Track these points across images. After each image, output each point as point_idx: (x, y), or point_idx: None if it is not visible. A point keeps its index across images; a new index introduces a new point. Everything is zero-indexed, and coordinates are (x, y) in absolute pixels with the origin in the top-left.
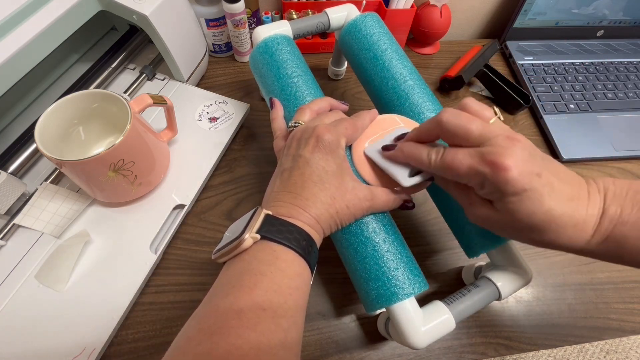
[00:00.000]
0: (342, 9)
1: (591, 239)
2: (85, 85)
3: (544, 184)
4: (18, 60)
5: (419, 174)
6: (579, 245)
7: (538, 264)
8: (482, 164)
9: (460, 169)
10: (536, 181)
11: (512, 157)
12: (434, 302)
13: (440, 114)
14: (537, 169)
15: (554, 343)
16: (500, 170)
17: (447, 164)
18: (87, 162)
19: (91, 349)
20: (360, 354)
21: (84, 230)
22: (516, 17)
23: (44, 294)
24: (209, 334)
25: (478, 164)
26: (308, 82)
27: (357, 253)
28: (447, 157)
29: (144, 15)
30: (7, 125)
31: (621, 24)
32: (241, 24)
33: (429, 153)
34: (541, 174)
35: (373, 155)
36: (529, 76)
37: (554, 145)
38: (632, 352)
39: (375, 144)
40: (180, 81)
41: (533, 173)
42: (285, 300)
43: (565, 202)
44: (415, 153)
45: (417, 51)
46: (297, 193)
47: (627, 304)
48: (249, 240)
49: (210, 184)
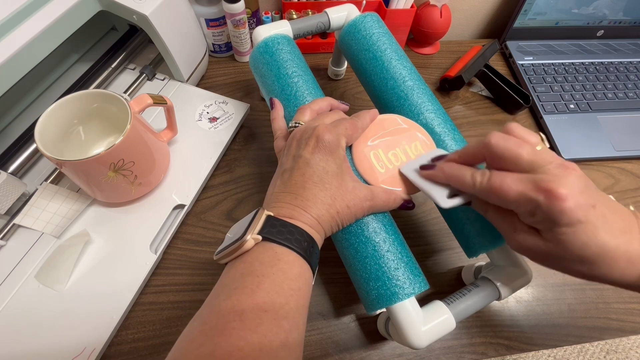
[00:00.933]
0: (342, 9)
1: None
2: (85, 85)
3: (598, 217)
4: (18, 60)
5: (458, 195)
6: (631, 280)
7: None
8: (536, 191)
9: (509, 193)
10: (591, 213)
11: (568, 187)
12: (434, 302)
13: (488, 137)
14: (592, 200)
15: (554, 343)
16: (556, 199)
17: (495, 188)
18: (87, 162)
19: (91, 349)
20: (360, 354)
21: (84, 230)
22: (516, 17)
23: (44, 294)
24: (211, 335)
25: (531, 191)
26: (308, 82)
27: (357, 253)
28: (494, 181)
29: (144, 15)
30: (7, 125)
31: (621, 24)
32: (241, 24)
33: (473, 175)
34: (596, 206)
35: (409, 174)
36: (529, 76)
37: (554, 145)
38: (632, 352)
39: (411, 162)
40: (180, 81)
41: (589, 205)
42: (287, 301)
43: (619, 235)
44: (458, 174)
45: (417, 51)
46: (298, 193)
47: (627, 304)
48: (250, 242)
49: (210, 184)
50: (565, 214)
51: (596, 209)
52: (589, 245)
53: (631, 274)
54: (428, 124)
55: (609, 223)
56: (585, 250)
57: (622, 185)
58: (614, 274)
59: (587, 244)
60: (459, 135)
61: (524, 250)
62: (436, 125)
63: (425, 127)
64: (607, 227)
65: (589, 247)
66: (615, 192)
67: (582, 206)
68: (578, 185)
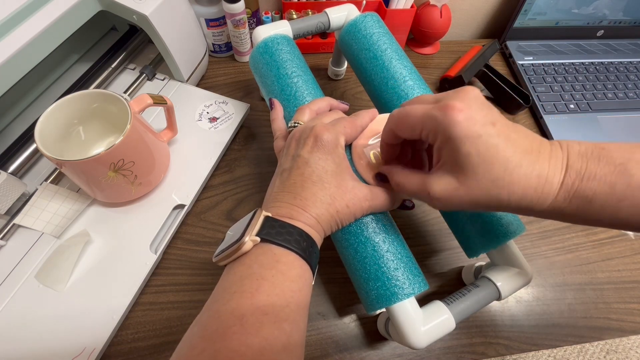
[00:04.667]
0: (342, 9)
1: (558, 194)
2: (85, 85)
3: (500, 133)
4: (18, 60)
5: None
6: (548, 201)
7: (538, 264)
8: (436, 110)
9: (415, 114)
10: (491, 129)
11: (464, 101)
12: (434, 302)
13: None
14: (490, 118)
15: (554, 343)
16: (452, 110)
17: (404, 112)
18: (87, 162)
19: (91, 349)
20: (360, 354)
21: (84, 230)
22: (516, 17)
23: (44, 294)
24: (212, 341)
25: (432, 109)
26: (308, 82)
27: (357, 253)
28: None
29: (144, 15)
30: (7, 125)
31: (621, 24)
32: (241, 24)
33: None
34: (496, 124)
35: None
36: (529, 76)
37: None
38: (632, 352)
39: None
40: (180, 81)
41: (487, 121)
42: (287, 303)
43: (524, 153)
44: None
45: (417, 51)
46: (297, 193)
47: (627, 304)
48: (248, 244)
49: (210, 184)
50: (462, 125)
51: (496, 126)
52: (493, 162)
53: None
54: None
55: (512, 140)
56: (490, 169)
57: None
58: (529, 194)
59: (491, 161)
60: None
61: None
62: None
63: None
64: (510, 144)
65: (493, 165)
66: None
67: (479, 120)
68: (475, 102)
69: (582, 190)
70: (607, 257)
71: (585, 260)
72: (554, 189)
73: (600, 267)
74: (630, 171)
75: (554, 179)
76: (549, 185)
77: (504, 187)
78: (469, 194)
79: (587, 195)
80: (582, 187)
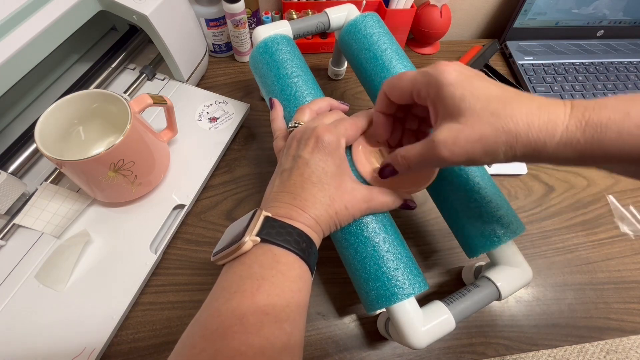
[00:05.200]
0: (342, 9)
1: (569, 124)
2: (85, 85)
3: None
4: (18, 60)
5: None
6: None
7: (538, 264)
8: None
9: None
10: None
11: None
12: (434, 302)
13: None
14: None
15: (554, 343)
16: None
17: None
18: (87, 162)
19: (91, 349)
20: (360, 354)
21: (84, 230)
22: (516, 17)
23: (44, 294)
24: (212, 340)
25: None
26: (308, 82)
27: (357, 253)
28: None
29: (144, 15)
30: (7, 125)
31: (621, 24)
32: (241, 24)
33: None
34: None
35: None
36: (529, 76)
37: None
38: (632, 352)
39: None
40: (180, 81)
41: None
42: (287, 303)
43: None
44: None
45: (417, 51)
46: (297, 194)
47: (627, 304)
48: (249, 243)
49: (210, 184)
50: (453, 74)
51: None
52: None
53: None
54: None
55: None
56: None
57: (622, 185)
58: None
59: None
60: None
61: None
62: None
63: None
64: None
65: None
66: (616, 192)
67: (468, 72)
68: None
69: (596, 117)
70: (607, 257)
71: (585, 260)
72: (561, 118)
73: (600, 267)
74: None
75: (558, 112)
76: (554, 116)
77: (507, 117)
78: (475, 131)
79: (602, 122)
80: (594, 115)
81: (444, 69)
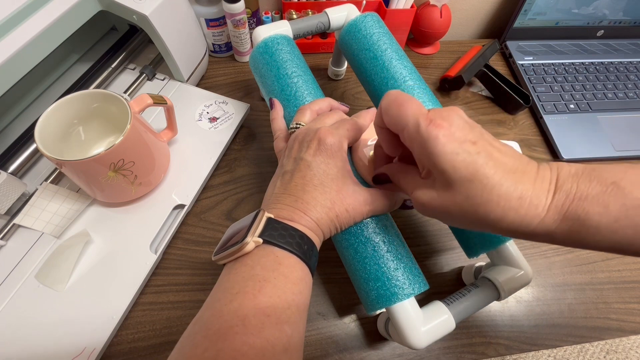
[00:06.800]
0: (342, 9)
1: (546, 216)
2: (85, 85)
3: (480, 152)
4: (18, 60)
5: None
6: (533, 223)
7: (538, 264)
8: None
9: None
10: (471, 147)
11: (445, 120)
12: (434, 302)
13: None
14: (471, 137)
15: (554, 343)
16: (433, 124)
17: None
18: (87, 162)
19: (91, 349)
20: (360, 354)
21: (84, 230)
22: (516, 17)
23: (44, 294)
24: (214, 340)
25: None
26: (308, 82)
27: (357, 253)
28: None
29: (144, 15)
30: (7, 125)
31: (621, 24)
32: (241, 24)
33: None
34: (477, 142)
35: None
36: (529, 76)
37: (554, 145)
38: (632, 352)
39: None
40: (180, 81)
41: (467, 140)
42: (288, 305)
43: (507, 172)
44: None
45: (417, 51)
46: (298, 196)
47: (627, 304)
48: (251, 244)
49: (210, 184)
50: (439, 141)
51: (477, 144)
52: (471, 180)
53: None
54: None
55: (494, 159)
56: (468, 186)
57: None
58: (509, 216)
59: (469, 178)
60: None
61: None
62: None
63: None
64: (492, 163)
65: (471, 182)
66: None
67: (458, 138)
68: (458, 121)
69: (574, 210)
70: (607, 257)
71: (585, 260)
72: (539, 211)
73: (600, 267)
74: (624, 190)
75: (538, 201)
76: (533, 207)
77: (480, 205)
78: (444, 206)
79: (579, 215)
80: (573, 207)
81: (435, 136)
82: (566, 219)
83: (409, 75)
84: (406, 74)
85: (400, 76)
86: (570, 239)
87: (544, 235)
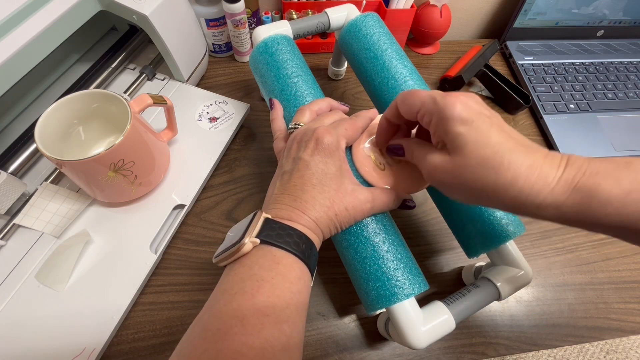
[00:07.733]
0: (342, 9)
1: (556, 186)
2: (85, 85)
3: (493, 124)
4: (18, 60)
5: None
6: (543, 193)
7: (538, 264)
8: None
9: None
10: (485, 119)
11: (464, 95)
12: (434, 302)
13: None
14: (487, 112)
15: (554, 343)
16: (451, 96)
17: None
18: (87, 162)
19: (91, 349)
20: (360, 354)
21: (84, 230)
22: (516, 17)
23: (44, 294)
24: (213, 341)
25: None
26: (308, 82)
27: (357, 253)
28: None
29: (144, 15)
30: (7, 125)
31: (621, 24)
32: (241, 24)
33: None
34: (491, 117)
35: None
36: (529, 76)
37: (554, 145)
38: (632, 352)
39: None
40: (180, 81)
41: (483, 113)
42: (287, 305)
43: (518, 144)
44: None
45: (417, 51)
46: (297, 196)
47: (627, 304)
48: (248, 245)
49: (210, 184)
50: (456, 108)
51: (491, 118)
52: (484, 145)
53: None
54: None
55: (506, 132)
56: (479, 150)
57: None
58: (519, 183)
59: (482, 143)
60: None
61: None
62: None
63: None
64: (504, 134)
65: (483, 146)
66: None
67: (474, 109)
68: (475, 98)
69: (585, 183)
70: (607, 257)
71: (585, 260)
72: (550, 180)
73: (600, 267)
74: (637, 167)
75: (549, 172)
76: (543, 176)
77: (491, 169)
78: (456, 170)
79: (590, 188)
80: (584, 180)
81: (451, 103)
82: (577, 190)
83: (409, 75)
84: (406, 74)
85: (401, 76)
86: (578, 213)
87: (552, 208)
